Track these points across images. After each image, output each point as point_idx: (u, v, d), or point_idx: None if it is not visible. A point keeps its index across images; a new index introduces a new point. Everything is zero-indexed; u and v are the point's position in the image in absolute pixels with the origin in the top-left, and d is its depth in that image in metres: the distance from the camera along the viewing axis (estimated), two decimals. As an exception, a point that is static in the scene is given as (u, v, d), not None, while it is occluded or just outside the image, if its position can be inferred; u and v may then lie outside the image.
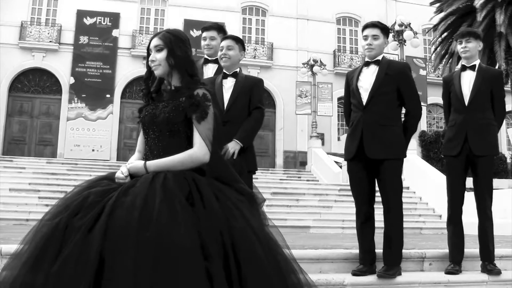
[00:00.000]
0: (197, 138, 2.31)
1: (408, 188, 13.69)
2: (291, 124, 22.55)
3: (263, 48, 22.96)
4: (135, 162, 2.34)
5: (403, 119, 4.06)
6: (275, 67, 22.80)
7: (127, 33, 21.90)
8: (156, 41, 2.43)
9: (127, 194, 2.04)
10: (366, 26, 4.07)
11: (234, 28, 22.50)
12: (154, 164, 2.27)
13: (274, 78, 22.56)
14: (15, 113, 20.95)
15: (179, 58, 2.40)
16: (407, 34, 16.52)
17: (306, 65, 21.04)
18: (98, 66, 21.32)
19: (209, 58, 4.31)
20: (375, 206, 3.96)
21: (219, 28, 4.36)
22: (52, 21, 21.72)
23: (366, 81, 4.00)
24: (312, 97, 20.76)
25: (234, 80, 3.92)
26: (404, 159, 3.98)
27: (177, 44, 2.42)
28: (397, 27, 16.60)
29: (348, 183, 4.12)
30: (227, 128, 3.65)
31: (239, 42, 3.97)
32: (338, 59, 23.22)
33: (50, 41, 21.21)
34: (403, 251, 4.01)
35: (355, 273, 3.85)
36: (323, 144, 20.81)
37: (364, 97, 3.96)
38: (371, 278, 3.82)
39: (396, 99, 3.94)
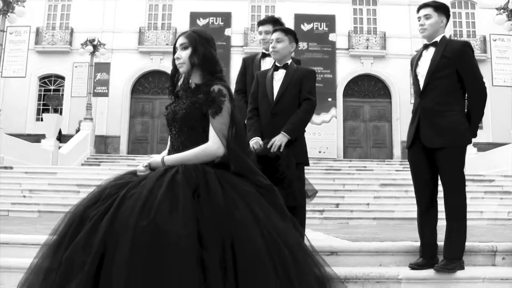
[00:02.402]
0: (211, 133, 2.80)
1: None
2: (408, 113, 25.61)
3: (375, 37, 26.82)
4: (156, 156, 2.91)
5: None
6: (388, 56, 26.47)
7: (239, 31, 26.52)
8: (181, 40, 2.97)
9: (137, 187, 2.56)
10: (419, 8, 4.40)
11: (345, 19, 26.74)
12: (171, 158, 2.83)
13: (388, 68, 26.25)
14: (137, 114, 26.00)
15: (202, 56, 2.91)
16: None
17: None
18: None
19: (266, 52, 4.92)
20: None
21: (275, 21, 5.03)
22: (168, 25, 26.81)
23: (424, 65, 4.28)
24: None
25: (285, 71, 4.47)
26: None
27: (201, 43, 2.93)
28: (511, 5, 18.38)
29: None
30: (275, 120, 4.32)
31: (289, 33, 4.55)
32: (453, 43, 26.61)
33: (167, 44, 26.11)
34: (472, 243, 4.40)
35: (412, 267, 4.20)
36: (441, 133, 24.03)
37: (421, 83, 4.25)
38: (429, 272, 4.08)
39: (456, 81, 4.19)
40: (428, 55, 4.30)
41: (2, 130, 16.09)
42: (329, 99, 25.97)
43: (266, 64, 4.92)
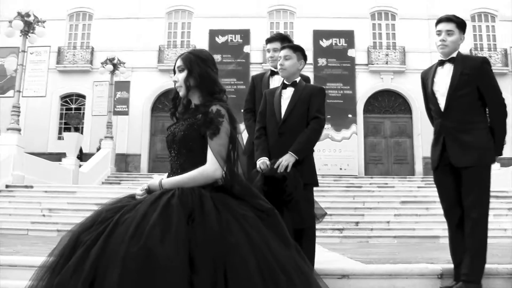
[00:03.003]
0: (209, 155, 2.72)
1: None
2: (429, 129, 25.25)
3: (394, 52, 26.65)
4: (154, 179, 2.83)
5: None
6: (408, 71, 26.20)
7: (258, 48, 26.51)
8: (178, 62, 2.95)
9: (132, 211, 2.51)
10: (440, 20, 4.26)
11: (364, 35, 26.66)
12: (169, 181, 2.75)
13: (408, 83, 25.89)
14: (158, 132, 26.01)
15: (197, 77, 2.87)
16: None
17: (440, 67, 24.29)
18: (232, 82, 25.96)
19: (275, 70, 4.81)
20: None
21: (283, 38, 4.90)
22: (187, 43, 26.88)
23: (442, 83, 4.18)
24: None
25: (293, 89, 4.35)
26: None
27: (196, 64, 2.89)
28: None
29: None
30: (283, 139, 4.20)
31: (298, 50, 4.40)
32: (474, 57, 26.41)
33: (186, 62, 26.22)
34: (490, 266, 4.22)
35: None
36: (463, 148, 23.75)
37: (442, 102, 4.15)
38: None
39: (477, 99, 4.10)
40: (444, 72, 4.19)
41: (22, 149, 16.17)
42: (349, 115, 25.83)
43: (275, 82, 4.86)
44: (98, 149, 23.59)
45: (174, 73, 2.98)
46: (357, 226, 12.77)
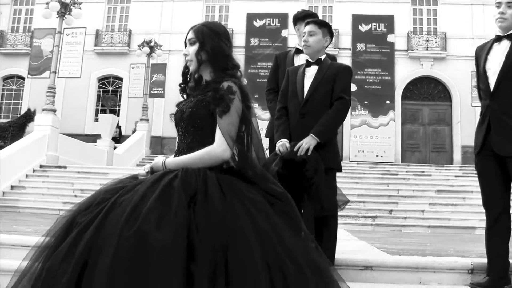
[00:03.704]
0: (217, 134, 2.52)
1: None
2: (469, 117, 24.82)
3: (435, 39, 25.93)
4: (157, 159, 2.64)
5: None
6: (449, 57, 25.57)
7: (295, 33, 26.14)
8: (190, 35, 2.71)
9: (130, 192, 2.34)
10: None
11: (404, 20, 26.03)
12: (173, 161, 2.56)
13: (449, 70, 25.35)
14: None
15: (210, 51, 2.64)
16: None
17: (482, 53, 23.56)
18: (269, 66, 25.77)
19: (301, 48, 4.57)
20: None
21: (312, 16, 4.60)
22: (225, 26, 26.63)
23: (495, 61, 3.82)
24: None
25: (317, 68, 4.06)
26: None
27: (209, 37, 2.67)
28: None
29: None
30: (305, 121, 3.92)
31: (324, 26, 4.11)
32: (519, 44, 25.53)
33: (223, 45, 26.06)
34: None
35: (472, 287, 3.83)
36: (504, 137, 23.03)
37: (492, 81, 3.81)
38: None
39: None
40: (501, 49, 3.81)
41: (57, 130, 16.26)
42: (387, 102, 25.35)
43: (300, 60, 4.58)
44: (134, 131, 23.66)
45: (185, 46, 2.74)
46: (390, 214, 12.48)
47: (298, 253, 2.26)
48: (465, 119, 24.88)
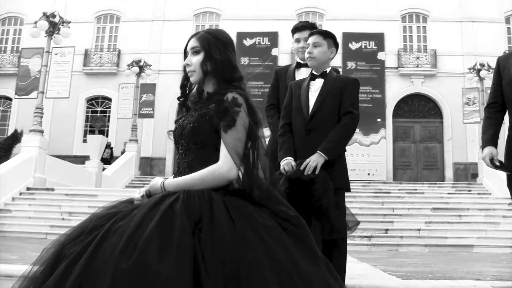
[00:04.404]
0: (222, 151, 2.27)
1: None
2: (460, 134, 24.88)
3: (425, 55, 25.92)
4: (155, 180, 2.36)
5: None
6: (439, 74, 25.53)
7: (286, 51, 26.01)
8: (193, 42, 2.47)
9: (126, 218, 2.07)
10: None
11: (395, 37, 26.04)
12: (173, 182, 2.29)
13: (439, 87, 25.29)
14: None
15: (218, 62, 2.41)
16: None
17: (472, 70, 23.45)
18: (259, 85, 25.62)
19: (302, 62, 4.34)
20: None
21: (312, 27, 4.35)
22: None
23: None
24: (480, 104, 22.40)
25: (323, 81, 3.85)
26: None
27: (215, 46, 2.43)
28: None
29: None
30: (311, 137, 3.68)
31: (329, 37, 3.91)
32: (509, 61, 25.50)
33: (213, 64, 25.94)
34: None
35: None
36: (496, 154, 22.90)
37: None
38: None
39: None
40: None
41: (44, 151, 15.94)
42: (378, 120, 25.22)
43: (302, 75, 4.31)
44: (123, 152, 23.36)
45: (185, 55, 2.50)
46: (386, 233, 12.27)
47: (317, 284, 2.04)
48: (456, 136, 24.88)
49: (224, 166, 2.25)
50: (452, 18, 26.16)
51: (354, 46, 25.94)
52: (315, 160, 3.51)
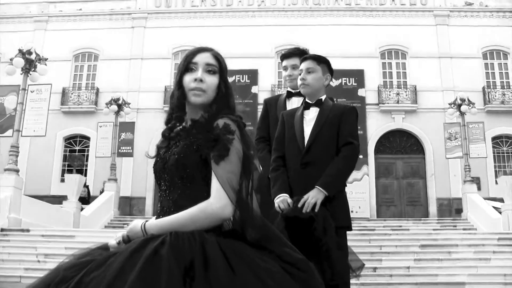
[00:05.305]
0: (214, 185, 1.96)
1: None
2: (443, 169, 24.80)
3: (406, 92, 25.95)
4: (134, 222, 2.05)
5: None
6: (420, 110, 25.51)
7: (266, 88, 25.92)
8: (210, 59, 2.17)
9: (101, 267, 1.77)
10: None
11: (374, 74, 26.10)
12: (156, 224, 1.98)
13: (420, 122, 25.26)
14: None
15: (227, 88, 2.20)
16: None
17: (453, 105, 23.44)
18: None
19: (293, 91, 4.12)
20: None
21: (303, 53, 4.18)
22: (193, 83, 26.40)
23: None
24: (462, 139, 22.51)
25: (318, 110, 3.62)
26: None
27: (226, 69, 2.24)
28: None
29: (509, 231, 4.06)
30: (307, 171, 3.39)
31: (323, 62, 3.73)
32: (488, 96, 25.70)
33: (193, 102, 25.72)
34: None
35: None
36: (479, 188, 22.48)
37: None
38: None
39: None
40: None
41: (20, 191, 15.45)
42: (360, 156, 24.96)
43: (293, 105, 4.06)
44: (102, 192, 22.82)
45: (187, 70, 2.14)
46: (375, 272, 11.86)
47: None
48: (439, 171, 24.80)
49: (217, 203, 1.94)
50: (431, 54, 26.34)
51: (334, 83, 25.84)
52: (314, 196, 3.22)
